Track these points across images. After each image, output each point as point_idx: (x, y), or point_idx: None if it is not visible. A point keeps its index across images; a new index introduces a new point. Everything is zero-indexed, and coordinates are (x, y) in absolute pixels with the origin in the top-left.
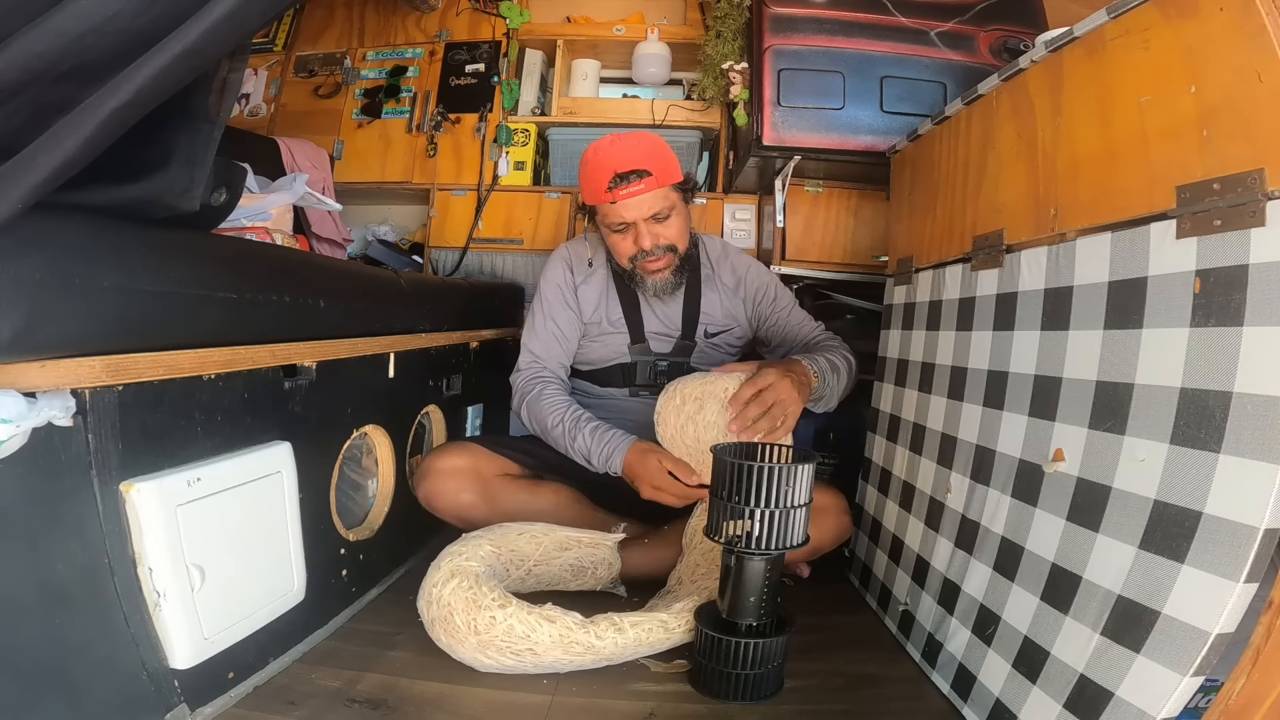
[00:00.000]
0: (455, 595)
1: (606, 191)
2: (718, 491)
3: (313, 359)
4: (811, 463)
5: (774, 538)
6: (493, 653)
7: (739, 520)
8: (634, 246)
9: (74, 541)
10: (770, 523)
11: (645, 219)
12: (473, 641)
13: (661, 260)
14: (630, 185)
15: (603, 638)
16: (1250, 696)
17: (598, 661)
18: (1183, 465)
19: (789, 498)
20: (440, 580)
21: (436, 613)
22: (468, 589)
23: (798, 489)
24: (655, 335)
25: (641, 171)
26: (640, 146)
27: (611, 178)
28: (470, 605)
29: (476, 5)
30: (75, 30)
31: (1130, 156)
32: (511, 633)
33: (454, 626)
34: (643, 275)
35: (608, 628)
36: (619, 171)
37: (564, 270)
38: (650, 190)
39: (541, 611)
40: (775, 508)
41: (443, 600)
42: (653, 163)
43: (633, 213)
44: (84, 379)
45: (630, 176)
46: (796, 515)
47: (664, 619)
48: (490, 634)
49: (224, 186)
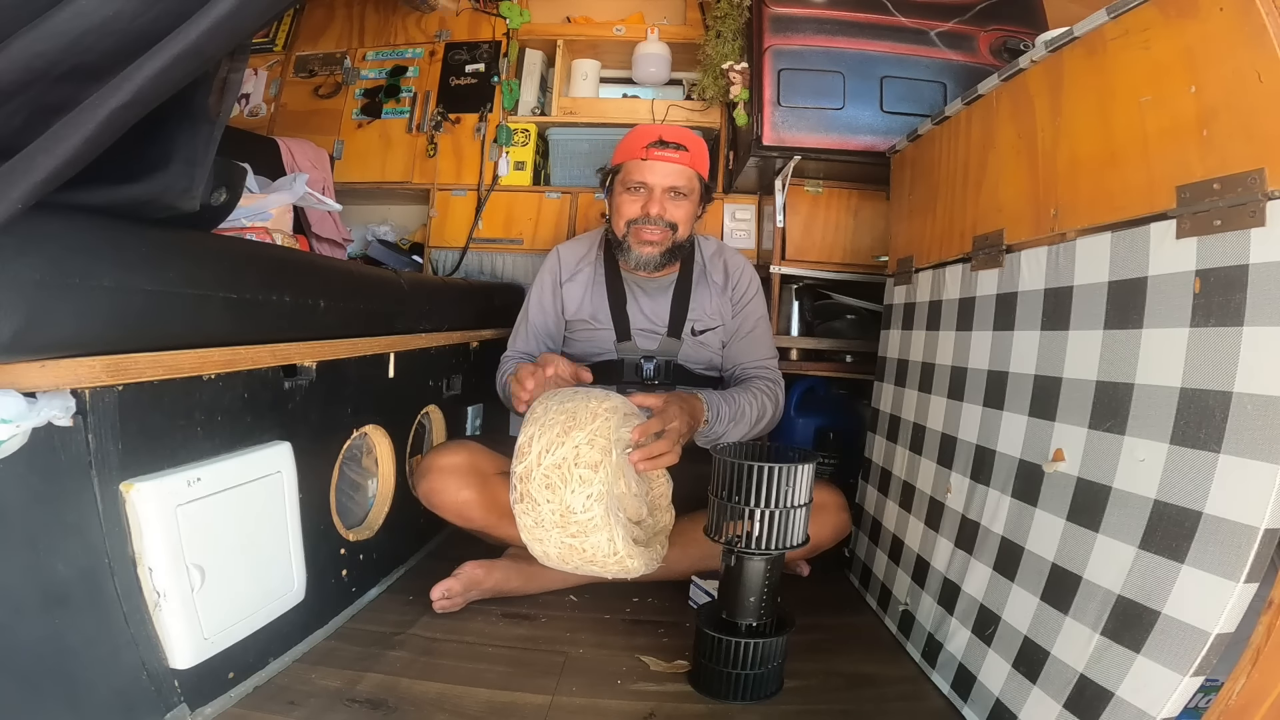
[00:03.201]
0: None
1: (643, 149)
2: (718, 491)
3: (313, 359)
4: (811, 463)
5: (774, 538)
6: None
7: (739, 520)
8: (640, 210)
9: (74, 541)
10: (770, 523)
11: (664, 188)
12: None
13: (658, 233)
14: (667, 151)
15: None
16: (1250, 696)
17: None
18: (1183, 465)
19: (789, 498)
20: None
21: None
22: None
23: (798, 489)
24: (641, 332)
25: (681, 145)
26: (689, 133)
27: (654, 139)
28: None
29: (476, 5)
30: (75, 30)
31: (1130, 156)
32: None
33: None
34: (632, 244)
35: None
36: (663, 137)
37: (553, 267)
38: (682, 163)
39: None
40: (775, 508)
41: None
42: (693, 146)
43: (658, 176)
44: (84, 379)
45: (670, 145)
46: (796, 515)
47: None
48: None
49: (224, 186)
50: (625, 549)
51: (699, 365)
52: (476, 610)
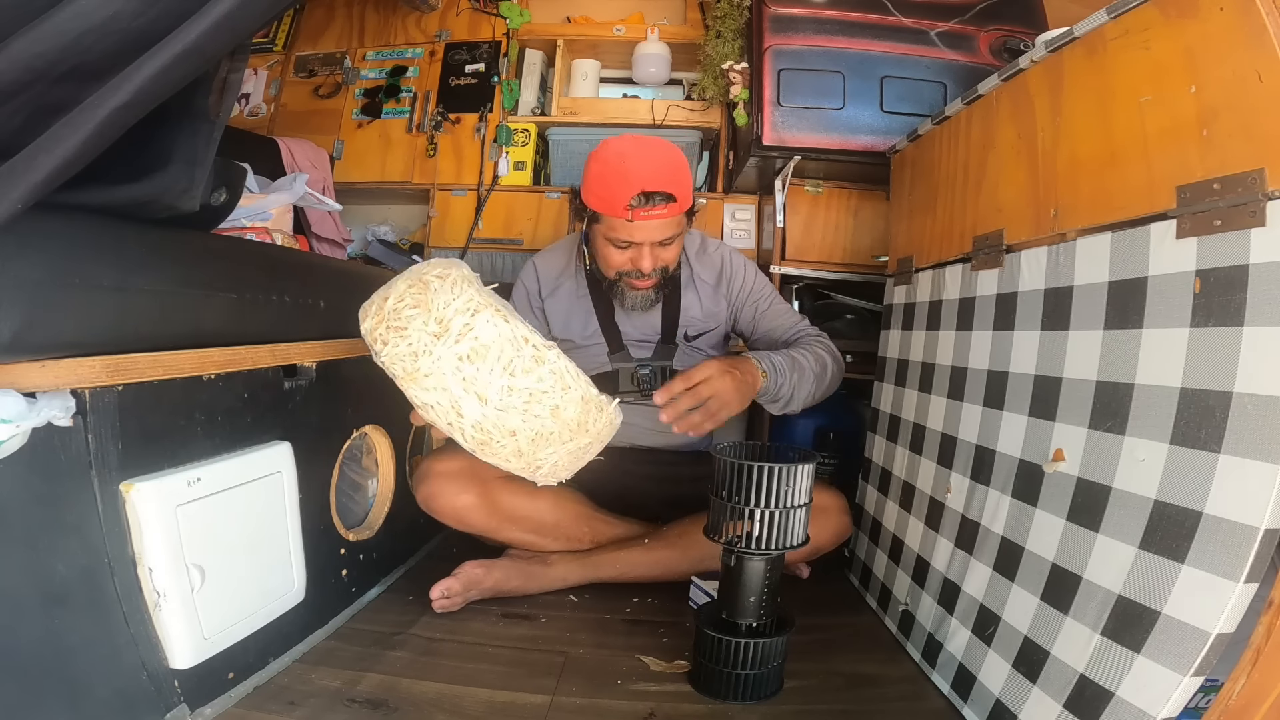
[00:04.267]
0: (495, 327)
1: (626, 208)
2: (717, 491)
3: (313, 359)
4: (812, 463)
5: (774, 538)
6: (513, 413)
7: (739, 520)
8: (630, 265)
9: (74, 541)
10: (770, 523)
11: (654, 243)
12: (499, 386)
13: (651, 280)
14: (655, 209)
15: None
16: (1250, 696)
17: (583, 449)
18: (1183, 465)
19: (789, 498)
20: (467, 304)
21: (458, 348)
22: (505, 319)
23: (798, 489)
24: (634, 343)
25: (669, 195)
26: (670, 165)
27: (637, 195)
28: (514, 339)
29: (476, 5)
30: (75, 30)
31: (1130, 156)
32: (551, 379)
33: (484, 364)
34: (625, 289)
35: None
36: (646, 190)
37: (532, 283)
38: (671, 216)
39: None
40: (775, 508)
41: (476, 331)
42: (679, 186)
43: (646, 235)
44: (84, 379)
45: (656, 198)
46: (796, 515)
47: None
48: (528, 378)
49: (224, 186)
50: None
51: None
52: (476, 610)
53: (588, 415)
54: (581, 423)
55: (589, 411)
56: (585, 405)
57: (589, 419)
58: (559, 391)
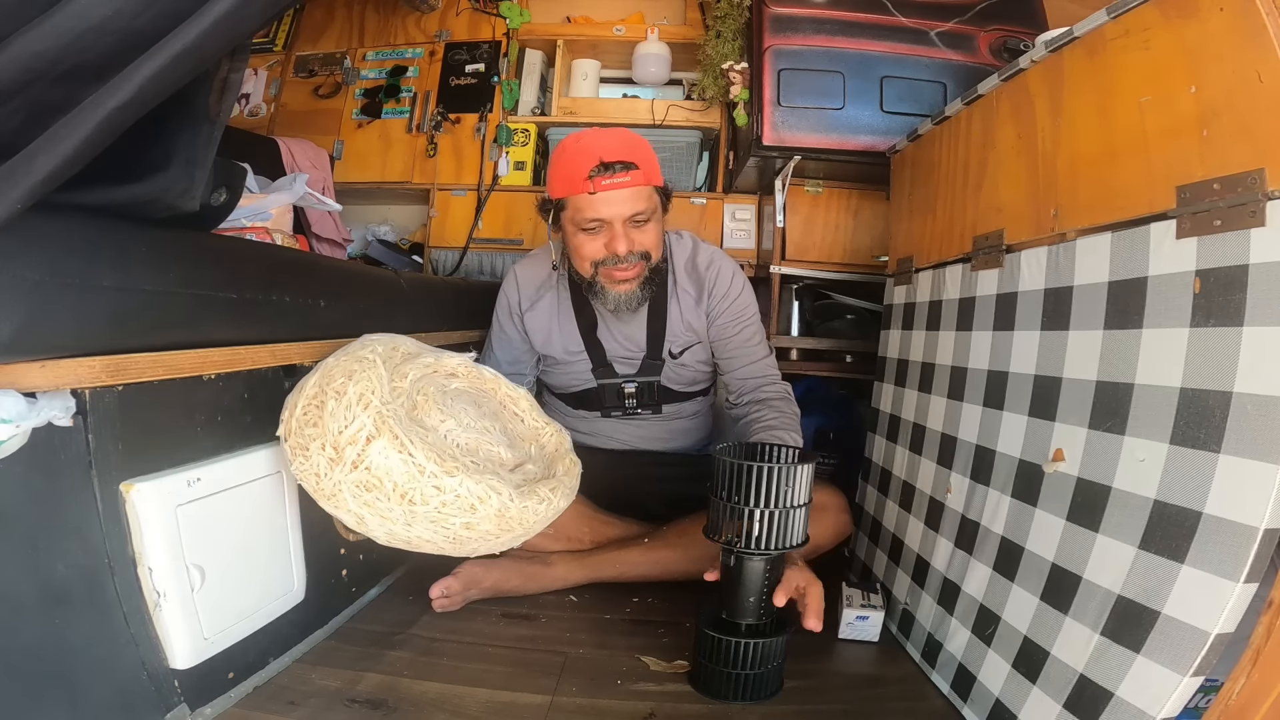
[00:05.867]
0: (387, 459)
1: (586, 180)
2: (717, 491)
3: (313, 359)
4: (811, 463)
5: (773, 538)
6: (420, 526)
7: (738, 520)
8: (604, 250)
9: (74, 541)
10: (770, 523)
11: (624, 219)
12: (400, 512)
13: (631, 270)
14: (615, 175)
15: (533, 510)
16: (1250, 696)
17: (516, 539)
18: (1183, 465)
19: (788, 498)
20: (358, 433)
21: (354, 476)
22: (399, 449)
23: (797, 489)
24: (619, 359)
25: (628, 163)
26: (627, 139)
27: (595, 165)
28: (409, 472)
29: (476, 5)
30: (75, 30)
31: (1130, 156)
32: (456, 503)
33: (381, 493)
34: (605, 286)
35: (535, 500)
36: (604, 160)
37: (513, 293)
38: (636, 185)
39: (487, 480)
40: (775, 508)
41: (369, 462)
42: (640, 157)
43: (613, 208)
44: (84, 379)
45: (616, 166)
46: (796, 515)
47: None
48: (428, 506)
49: (224, 186)
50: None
51: (682, 384)
52: (476, 610)
53: (508, 521)
54: (503, 527)
55: (509, 518)
56: (502, 516)
57: (511, 522)
58: (466, 512)
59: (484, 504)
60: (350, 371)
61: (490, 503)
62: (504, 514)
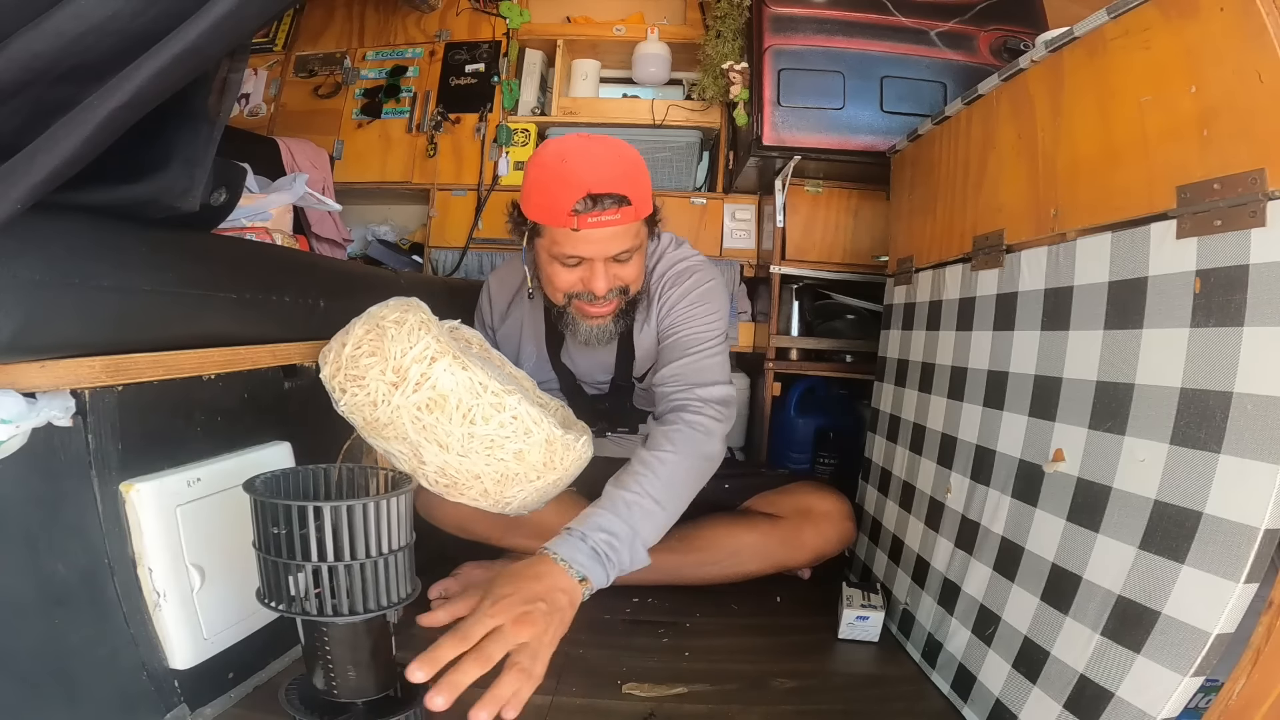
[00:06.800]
0: (452, 375)
1: (570, 214)
2: (258, 543)
3: (313, 359)
4: (401, 493)
5: (353, 598)
6: (475, 456)
7: (297, 576)
8: (580, 286)
9: (74, 542)
10: (340, 579)
11: (607, 258)
12: (459, 434)
13: (608, 306)
14: (604, 213)
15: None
16: (1250, 696)
17: (549, 487)
18: (1183, 465)
19: (371, 544)
20: (424, 352)
21: (416, 398)
22: (462, 367)
23: (378, 533)
24: (588, 383)
25: (621, 197)
26: (621, 162)
27: (583, 197)
28: (472, 388)
29: (476, 5)
30: (74, 30)
31: (1130, 157)
32: (513, 425)
33: (444, 414)
34: (576, 318)
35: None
36: (593, 192)
37: (485, 305)
38: (625, 223)
39: (538, 406)
40: (348, 560)
41: (434, 380)
42: (633, 187)
43: (596, 247)
44: (84, 379)
45: (606, 201)
46: (386, 565)
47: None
48: (488, 426)
49: (224, 186)
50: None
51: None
52: None
53: (553, 455)
54: (547, 463)
55: (554, 452)
56: (550, 447)
57: (555, 458)
58: (521, 437)
59: (538, 428)
60: (401, 309)
61: (541, 428)
62: (551, 444)
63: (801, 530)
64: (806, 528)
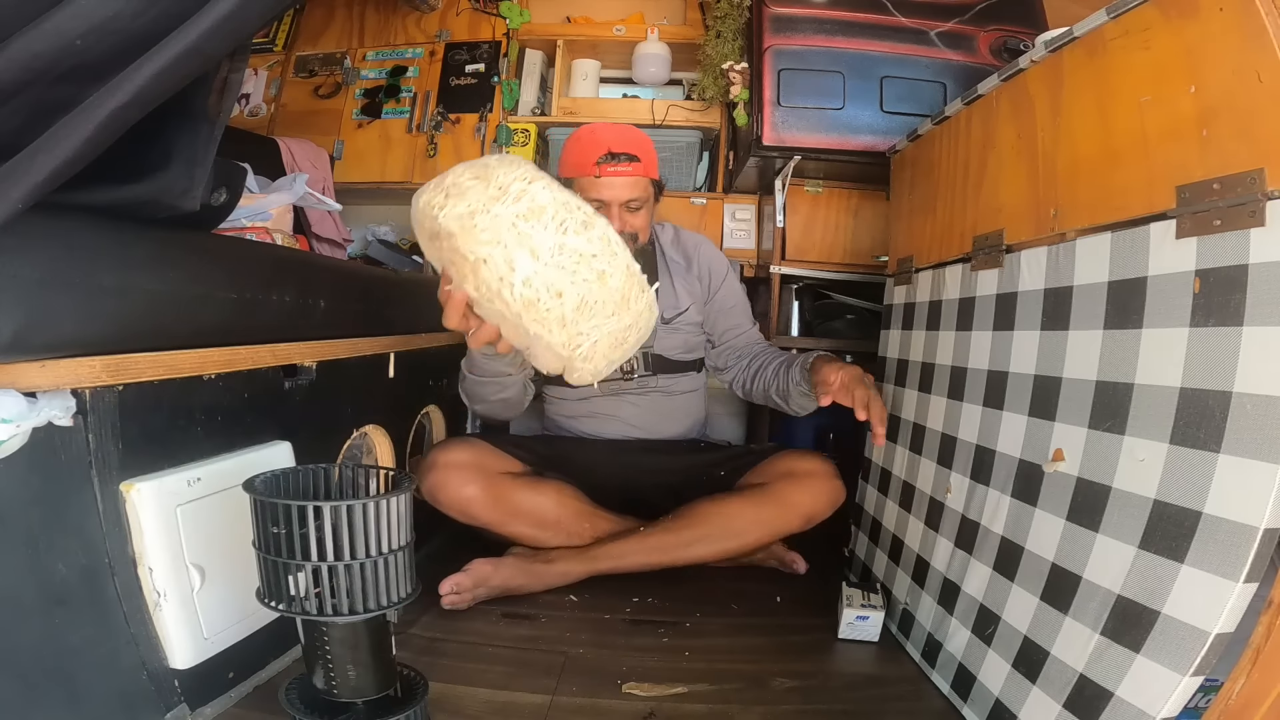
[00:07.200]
0: (551, 192)
1: (595, 165)
2: (258, 542)
3: (313, 359)
4: (402, 493)
5: (352, 598)
6: (562, 269)
7: (296, 575)
8: None
9: (74, 541)
10: (339, 578)
11: (621, 203)
12: (551, 242)
13: None
14: (620, 165)
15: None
16: (1250, 696)
17: (624, 332)
18: (1182, 465)
19: (371, 544)
20: (525, 173)
21: (515, 208)
22: (558, 189)
23: (380, 531)
24: None
25: (632, 155)
26: (633, 135)
27: (604, 154)
28: (567, 204)
29: (476, 5)
30: (75, 30)
31: (1130, 156)
32: (601, 242)
33: (540, 222)
34: None
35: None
36: (612, 150)
37: None
38: (636, 175)
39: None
40: (349, 560)
41: (533, 194)
42: (642, 152)
43: (614, 192)
44: (84, 379)
45: (621, 157)
46: (388, 564)
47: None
48: (579, 237)
49: (224, 186)
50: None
51: (677, 351)
52: (477, 610)
53: (630, 288)
54: (625, 295)
55: (632, 284)
56: (629, 276)
57: (631, 293)
58: (607, 256)
59: (623, 251)
60: (500, 157)
61: (625, 254)
62: (631, 273)
63: (789, 491)
64: (794, 489)
